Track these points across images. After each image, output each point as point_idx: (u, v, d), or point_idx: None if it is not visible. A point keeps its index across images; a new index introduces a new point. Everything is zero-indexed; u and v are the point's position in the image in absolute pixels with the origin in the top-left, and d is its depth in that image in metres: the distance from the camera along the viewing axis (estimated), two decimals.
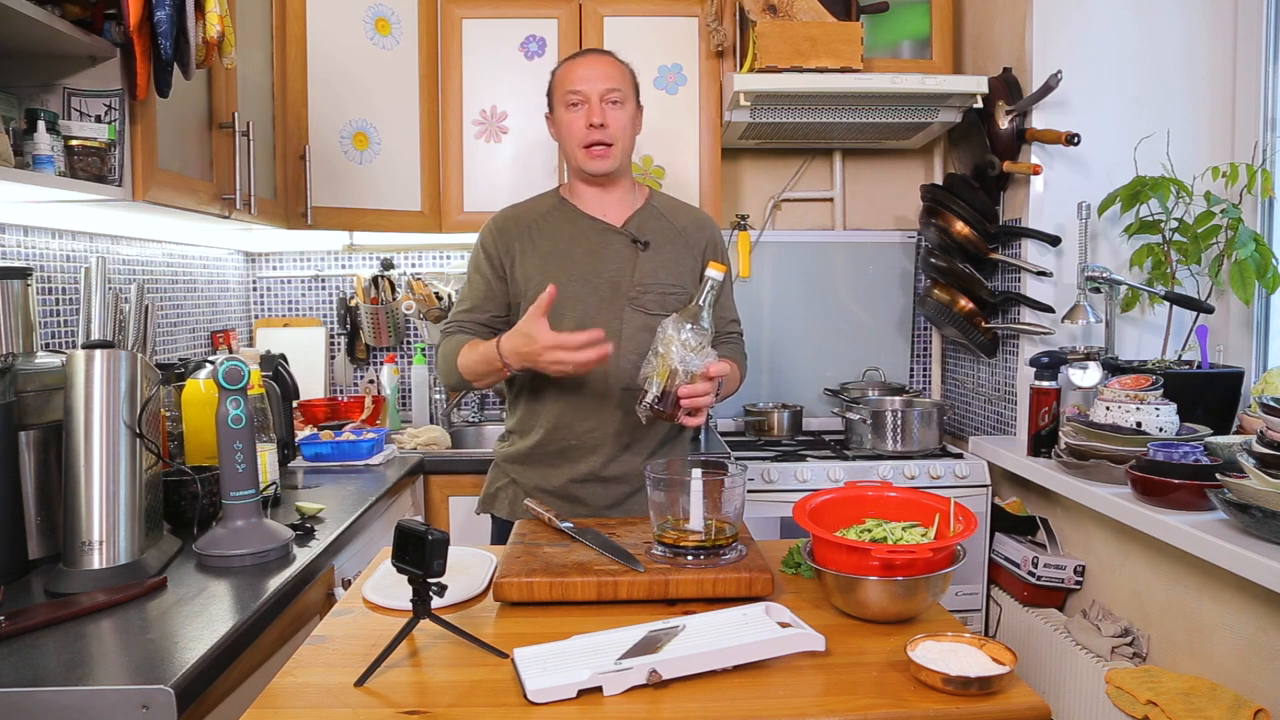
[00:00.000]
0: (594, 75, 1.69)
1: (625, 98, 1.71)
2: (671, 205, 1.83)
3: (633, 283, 1.71)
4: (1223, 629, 1.66)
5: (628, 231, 1.74)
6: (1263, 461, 1.50)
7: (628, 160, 1.77)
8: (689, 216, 1.82)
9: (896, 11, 2.63)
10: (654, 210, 1.79)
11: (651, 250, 1.73)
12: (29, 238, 1.84)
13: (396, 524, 1.06)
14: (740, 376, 1.82)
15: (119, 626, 1.17)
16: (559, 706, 0.94)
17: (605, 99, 1.69)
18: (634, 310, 1.70)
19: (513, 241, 1.75)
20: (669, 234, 1.77)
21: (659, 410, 1.46)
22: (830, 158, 3.01)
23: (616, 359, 1.67)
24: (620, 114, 1.70)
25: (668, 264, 1.74)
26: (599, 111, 1.68)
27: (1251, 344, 2.20)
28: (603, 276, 1.71)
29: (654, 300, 1.71)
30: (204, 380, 1.78)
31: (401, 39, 2.57)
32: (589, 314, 1.69)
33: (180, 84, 1.64)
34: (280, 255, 2.99)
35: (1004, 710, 0.94)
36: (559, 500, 1.72)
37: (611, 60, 1.74)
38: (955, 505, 1.23)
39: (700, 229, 1.81)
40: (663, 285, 1.72)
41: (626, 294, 1.70)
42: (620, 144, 1.71)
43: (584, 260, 1.71)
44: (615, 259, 1.72)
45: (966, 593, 2.41)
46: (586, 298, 1.69)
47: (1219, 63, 2.29)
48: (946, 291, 2.61)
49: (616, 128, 1.70)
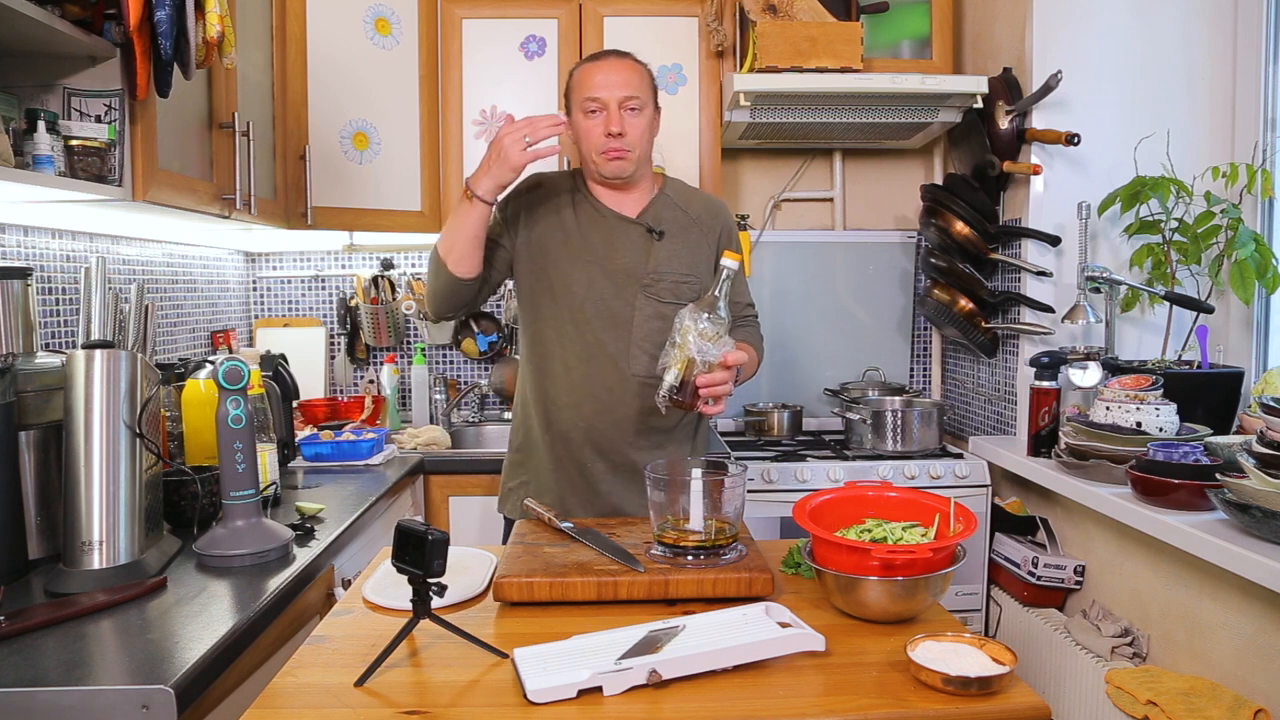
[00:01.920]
0: (613, 82, 1.67)
1: (644, 103, 1.70)
2: (684, 192, 1.84)
3: (646, 270, 1.72)
4: (1223, 629, 1.66)
5: (643, 221, 1.75)
6: (1263, 461, 1.50)
7: (647, 163, 1.77)
8: (702, 204, 1.83)
9: (896, 11, 2.63)
10: (667, 199, 1.80)
11: (666, 239, 1.75)
12: (29, 238, 1.84)
13: (396, 524, 1.06)
14: (758, 360, 1.84)
15: (119, 626, 1.17)
16: (559, 706, 0.94)
17: (624, 106, 1.67)
18: (647, 298, 1.71)
19: (537, 204, 1.76)
20: (683, 222, 1.78)
21: (678, 400, 1.46)
22: (830, 158, 3.01)
23: (628, 346, 1.70)
24: (638, 121, 1.69)
25: (681, 253, 1.75)
26: (617, 120, 1.66)
27: (1251, 344, 2.21)
28: (617, 263, 1.72)
29: (667, 289, 1.72)
30: (204, 380, 1.78)
31: (401, 39, 2.57)
32: (604, 299, 1.71)
33: (180, 84, 1.64)
34: (280, 255, 2.99)
35: (1004, 710, 0.94)
36: (575, 495, 1.73)
37: (630, 65, 1.71)
38: (955, 505, 1.23)
39: (714, 216, 1.82)
40: (676, 274, 1.73)
41: (640, 281, 1.72)
42: (638, 150, 1.70)
43: (600, 247, 1.73)
44: (630, 248, 1.73)
45: (966, 593, 2.41)
46: (600, 282, 1.71)
47: (1219, 63, 2.29)
48: (946, 291, 2.61)
49: (634, 135, 1.68)
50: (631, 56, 1.74)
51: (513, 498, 1.81)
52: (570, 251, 1.73)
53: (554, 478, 1.76)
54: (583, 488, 1.75)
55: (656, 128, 1.77)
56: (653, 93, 1.74)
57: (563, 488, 1.75)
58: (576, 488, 1.75)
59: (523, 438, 1.82)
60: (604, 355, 1.71)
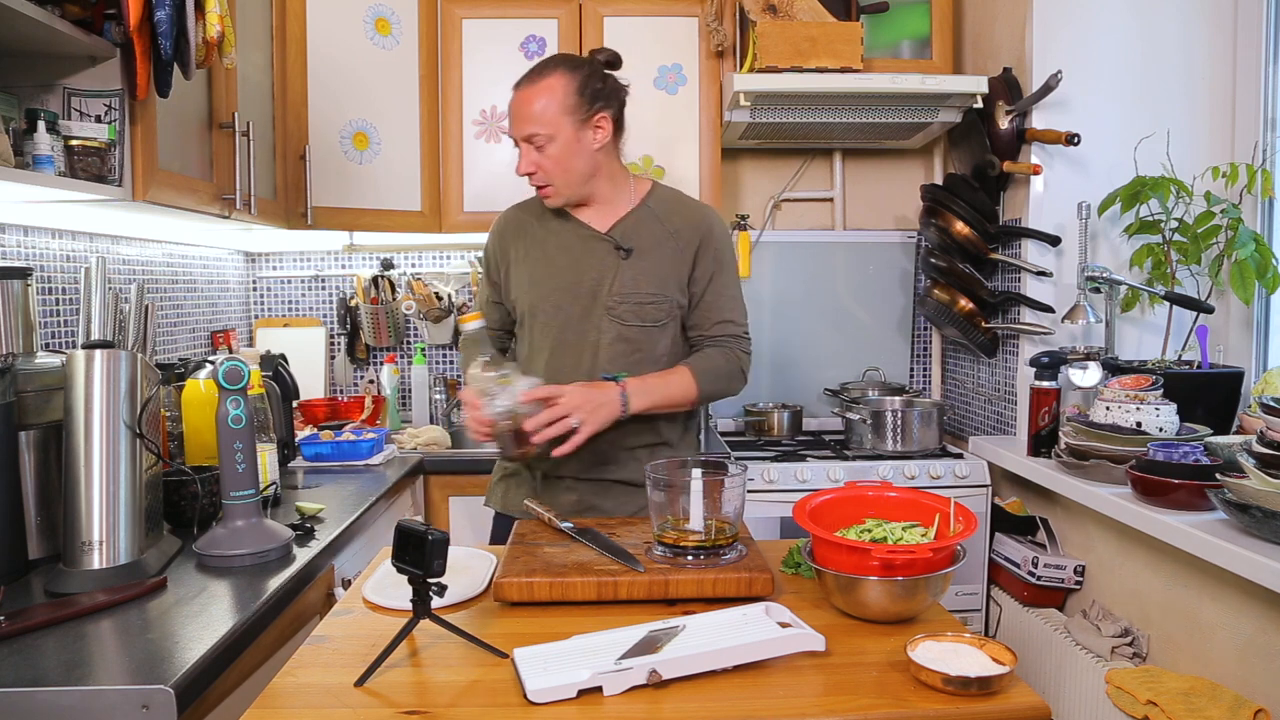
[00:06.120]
0: (518, 117, 1.62)
1: (552, 134, 1.59)
2: (670, 202, 1.74)
3: (611, 292, 1.67)
4: (1223, 629, 1.66)
5: (611, 238, 1.69)
6: (1263, 461, 1.50)
7: (588, 182, 1.67)
8: (685, 216, 1.72)
9: (896, 11, 2.63)
10: (648, 211, 1.71)
11: (635, 257, 1.67)
12: (29, 238, 1.84)
13: (396, 524, 1.06)
14: (701, 386, 1.67)
15: (119, 626, 1.17)
16: (559, 706, 0.94)
17: (529, 143, 1.61)
18: (611, 320, 1.67)
19: (509, 248, 1.75)
20: (659, 237, 1.69)
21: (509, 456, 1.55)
22: (830, 158, 3.01)
23: (593, 370, 1.66)
24: (546, 156, 1.60)
25: (650, 271, 1.67)
26: (524, 161, 1.63)
27: (1251, 344, 2.20)
28: (583, 286, 1.68)
29: (630, 311, 1.66)
30: (204, 380, 1.78)
31: (401, 39, 2.57)
32: (570, 324, 1.68)
33: (180, 84, 1.64)
34: (280, 255, 2.99)
35: (1004, 710, 0.94)
36: (553, 494, 1.73)
37: (536, 92, 1.60)
38: (955, 505, 1.23)
39: (695, 228, 1.70)
40: (641, 295, 1.66)
41: (605, 303, 1.67)
42: (559, 180, 1.63)
43: (568, 270, 1.69)
44: (597, 267, 1.68)
45: (966, 593, 2.41)
46: (568, 308, 1.68)
47: (1219, 63, 2.29)
48: (946, 291, 2.61)
49: (546, 169, 1.62)
50: (549, 74, 1.61)
51: (494, 492, 1.82)
52: (540, 278, 1.70)
53: (530, 487, 1.75)
54: (557, 490, 1.73)
55: (595, 141, 1.64)
56: (571, 110, 1.60)
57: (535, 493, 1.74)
58: (552, 490, 1.74)
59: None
60: (567, 382, 1.64)
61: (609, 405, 1.54)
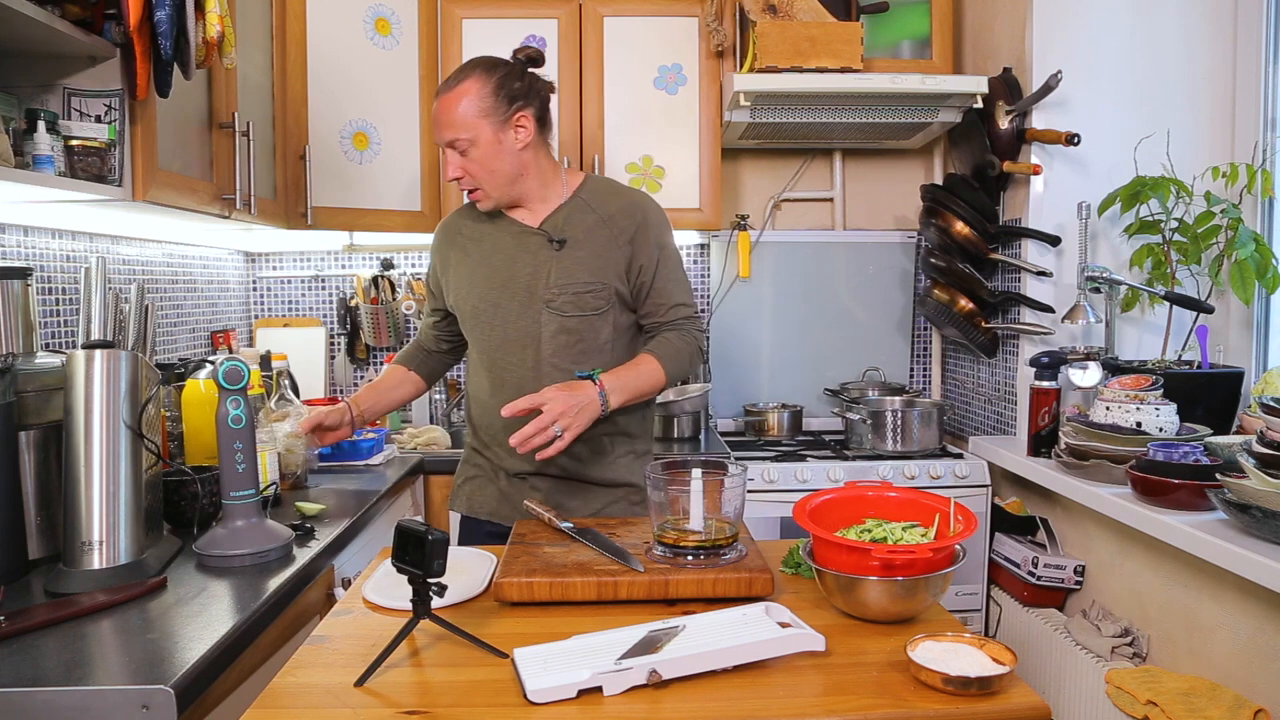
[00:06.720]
0: (438, 123, 1.62)
1: (472, 138, 1.60)
2: (603, 191, 1.73)
3: (548, 285, 1.66)
4: (1223, 629, 1.66)
5: (544, 231, 1.69)
6: (1263, 461, 1.50)
7: (516, 182, 1.67)
8: (619, 202, 1.71)
9: (896, 11, 2.63)
10: (580, 202, 1.71)
11: (569, 247, 1.67)
12: (29, 238, 1.84)
13: (396, 524, 1.06)
14: (669, 371, 1.66)
15: (119, 626, 1.17)
16: (559, 706, 0.94)
17: (453, 148, 1.62)
18: (550, 313, 1.66)
19: (448, 252, 1.77)
20: (591, 225, 1.68)
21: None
22: (830, 158, 3.01)
23: (538, 364, 1.67)
24: (470, 160, 1.61)
25: (586, 260, 1.66)
26: (449, 166, 1.63)
27: (1251, 344, 2.21)
28: (519, 281, 1.68)
29: (568, 302, 1.65)
30: (204, 380, 1.79)
31: (401, 39, 2.57)
32: (509, 321, 1.68)
33: (180, 84, 1.64)
34: (280, 255, 2.99)
35: (1004, 710, 0.94)
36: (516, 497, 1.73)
37: (455, 96, 1.60)
38: (955, 505, 1.23)
39: (629, 215, 1.69)
40: (578, 285, 1.65)
41: (542, 297, 1.66)
42: (486, 183, 1.64)
43: (503, 267, 1.69)
44: (531, 262, 1.68)
45: (966, 593, 2.41)
46: (506, 304, 1.68)
47: (1219, 63, 2.29)
48: (946, 291, 2.61)
49: (473, 173, 1.63)
50: (465, 78, 1.61)
51: (459, 494, 1.82)
52: (477, 279, 1.70)
53: (495, 488, 1.76)
54: (523, 491, 1.73)
55: (515, 141, 1.63)
56: (489, 112, 1.60)
57: (503, 494, 1.75)
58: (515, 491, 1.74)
59: (467, 452, 1.84)
60: (514, 379, 1.67)
61: (589, 407, 1.54)
